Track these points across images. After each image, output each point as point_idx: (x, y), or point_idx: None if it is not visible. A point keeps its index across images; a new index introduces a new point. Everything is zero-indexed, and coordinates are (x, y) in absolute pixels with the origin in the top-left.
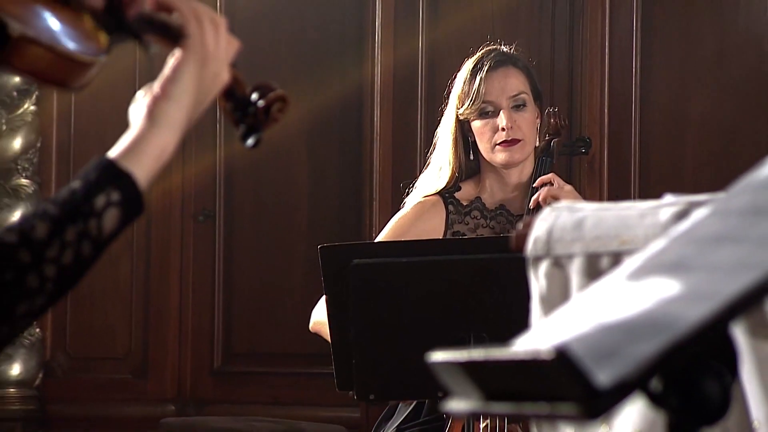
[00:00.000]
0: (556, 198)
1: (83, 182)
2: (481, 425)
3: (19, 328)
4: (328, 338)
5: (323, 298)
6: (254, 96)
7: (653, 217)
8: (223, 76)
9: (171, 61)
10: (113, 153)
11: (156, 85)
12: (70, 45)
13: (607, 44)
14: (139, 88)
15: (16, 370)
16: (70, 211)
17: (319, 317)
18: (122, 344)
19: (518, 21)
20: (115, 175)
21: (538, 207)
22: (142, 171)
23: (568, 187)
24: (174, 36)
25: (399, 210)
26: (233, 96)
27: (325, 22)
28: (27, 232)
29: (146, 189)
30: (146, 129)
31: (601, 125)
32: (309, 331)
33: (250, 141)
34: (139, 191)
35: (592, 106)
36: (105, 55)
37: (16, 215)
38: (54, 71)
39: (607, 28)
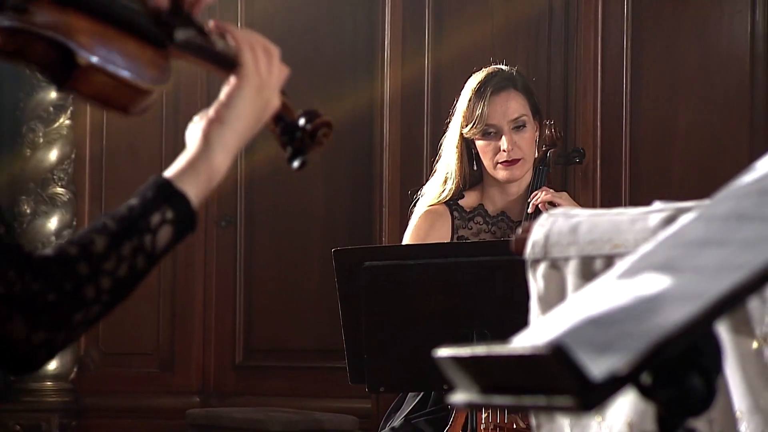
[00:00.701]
0: (552, 203)
1: (141, 200)
2: (483, 416)
3: (75, 336)
4: None
5: None
6: (302, 121)
7: (643, 223)
8: (274, 103)
9: (226, 88)
10: (169, 172)
11: (211, 110)
12: (133, 73)
13: (599, 61)
14: (165, 105)
15: (52, 364)
16: (127, 227)
17: None
18: (150, 340)
19: (517, 40)
20: (170, 194)
21: (537, 212)
22: (196, 191)
23: (564, 194)
24: (230, 64)
25: (408, 217)
26: (282, 120)
27: (339, 42)
28: (87, 246)
29: (198, 207)
30: (201, 151)
31: (594, 136)
32: (323, 328)
33: (296, 163)
34: (193, 210)
35: (586, 118)
36: (164, 82)
37: (52, 221)
38: (117, 97)
39: (599, 46)
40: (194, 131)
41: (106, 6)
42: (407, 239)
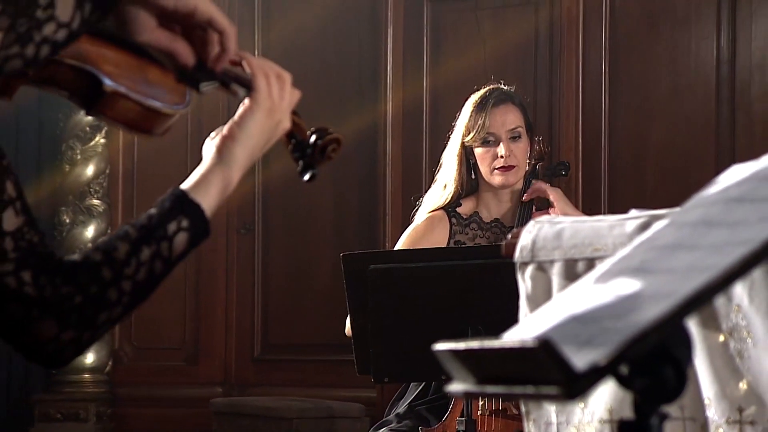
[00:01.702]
0: (543, 193)
1: (159, 209)
2: (480, 402)
3: (99, 334)
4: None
5: None
6: (313, 138)
7: (621, 228)
8: (285, 124)
9: (240, 108)
10: (186, 185)
11: (226, 128)
12: (156, 100)
13: (580, 84)
14: (190, 123)
15: (89, 358)
16: (146, 235)
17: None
18: (177, 336)
19: (507, 65)
20: (186, 204)
21: (528, 216)
22: (209, 202)
23: (558, 189)
24: (245, 88)
25: (410, 222)
26: (294, 138)
27: (346, 67)
28: (110, 252)
29: (212, 216)
30: (214, 165)
31: (576, 151)
32: (333, 325)
33: (306, 176)
34: (206, 219)
35: (569, 135)
36: (184, 107)
37: (89, 230)
38: (140, 121)
39: (580, 71)
40: (209, 147)
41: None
42: (404, 238)
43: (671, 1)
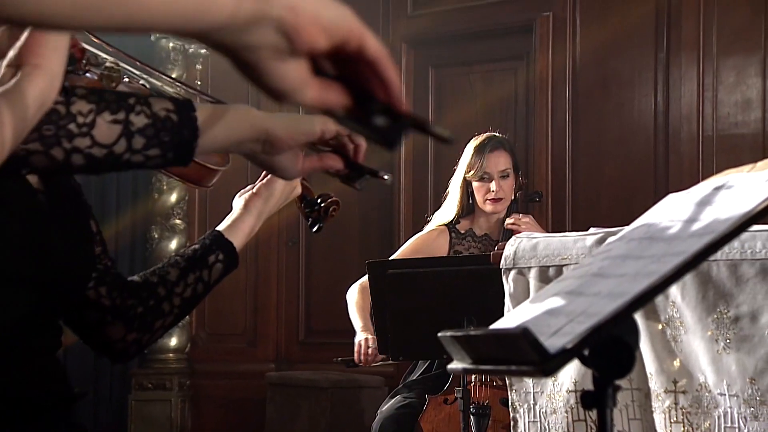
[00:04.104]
0: (518, 226)
1: (201, 245)
2: (473, 376)
3: (155, 338)
4: (348, 307)
5: (354, 285)
6: (319, 200)
7: (582, 242)
8: (298, 190)
9: (265, 175)
10: (221, 227)
11: (255, 188)
12: (204, 159)
13: (550, 131)
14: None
15: (173, 341)
16: (192, 264)
17: (350, 295)
18: (240, 325)
19: (493, 117)
20: (222, 242)
21: (510, 234)
22: (238, 241)
23: (529, 216)
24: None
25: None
26: (305, 199)
27: None
28: (164, 276)
29: (240, 252)
30: (243, 215)
31: (546, 183)
32: None
33: (314, 229)
34: (236, 254)
35: (541, 170)
36: (226, 166)
37: (173, 243)
38: (192, 175)
39: (549, 120)
40: (239, 201)
41: None
42: (411, 241)
43: (618, 68)
